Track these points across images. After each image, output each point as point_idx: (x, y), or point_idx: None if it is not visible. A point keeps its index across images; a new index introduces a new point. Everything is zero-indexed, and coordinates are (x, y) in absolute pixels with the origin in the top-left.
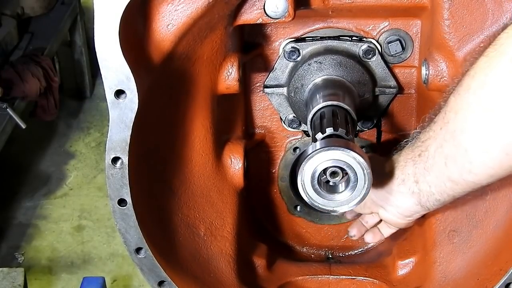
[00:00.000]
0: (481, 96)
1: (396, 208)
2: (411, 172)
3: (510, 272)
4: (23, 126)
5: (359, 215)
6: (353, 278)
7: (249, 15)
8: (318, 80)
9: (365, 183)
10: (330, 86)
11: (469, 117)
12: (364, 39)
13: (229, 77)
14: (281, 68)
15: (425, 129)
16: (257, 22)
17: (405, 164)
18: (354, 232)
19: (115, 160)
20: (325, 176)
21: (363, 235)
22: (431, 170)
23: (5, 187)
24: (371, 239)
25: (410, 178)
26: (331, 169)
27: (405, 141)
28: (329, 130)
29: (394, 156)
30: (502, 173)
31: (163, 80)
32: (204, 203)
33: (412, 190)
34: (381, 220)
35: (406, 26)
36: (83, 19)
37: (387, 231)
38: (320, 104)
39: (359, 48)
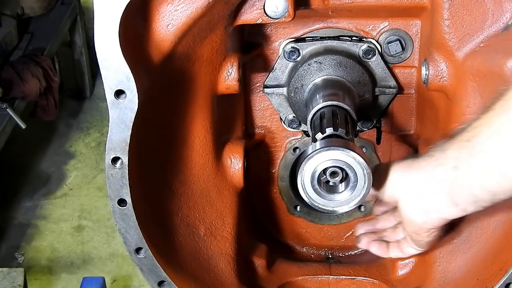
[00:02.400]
0: None
1: (419, 199)
2: (453, 156)
3: (510, 272)
4: (23, 126)
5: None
6: (353, 278)
7: (249, 15)
8: (318, 80)
9: (365, 183)
10: (330, 86)
11: None
12: (364, 39)
13: (229, 77)
14: (281, 68)
15: (476, 118)
16: (257, 22)
17: (448, 147)
18: (361, 231)
19: (115, 160)
20: (325, 176)
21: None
22: (477, 156)
23: (5, 187)
24: (396, 254)
25: (450, 162)
26: (331, 169)
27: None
28: (329, 130)
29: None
30: None
31: (163, 80)
32: (204, 203)
33: (448, 175)
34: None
35: (406, 26)
36: (83, 19)
37: (409, 250)
38: (320, 104)
39: (359, 48)
